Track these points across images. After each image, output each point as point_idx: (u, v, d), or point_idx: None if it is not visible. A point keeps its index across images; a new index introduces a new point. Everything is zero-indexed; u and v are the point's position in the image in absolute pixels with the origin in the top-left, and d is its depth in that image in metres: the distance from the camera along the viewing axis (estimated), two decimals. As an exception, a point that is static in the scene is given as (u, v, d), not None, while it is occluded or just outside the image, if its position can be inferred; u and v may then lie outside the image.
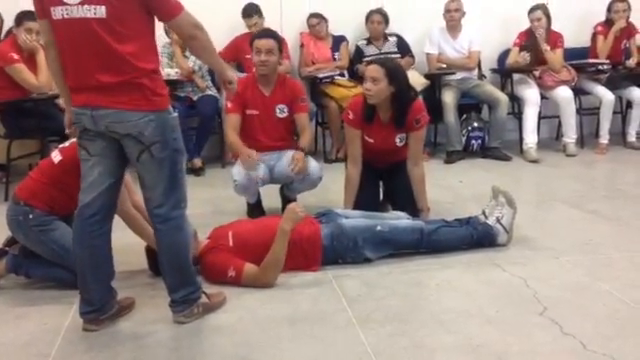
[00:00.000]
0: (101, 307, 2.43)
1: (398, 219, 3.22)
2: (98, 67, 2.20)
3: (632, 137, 5.47)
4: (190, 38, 2.31)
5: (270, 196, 3.85)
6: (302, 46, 5.51)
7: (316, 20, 5.44)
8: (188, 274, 2.47)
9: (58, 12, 2.18)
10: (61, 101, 4.50)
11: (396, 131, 3.41)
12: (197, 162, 5.03)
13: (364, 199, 3.45)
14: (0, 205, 3.98)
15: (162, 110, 2.28)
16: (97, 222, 2.37)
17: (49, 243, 2.72)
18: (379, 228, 3.04)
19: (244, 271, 2.77)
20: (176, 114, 2.38)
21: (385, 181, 3.65)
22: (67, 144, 2.80)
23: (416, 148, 3.45)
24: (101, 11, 2.14)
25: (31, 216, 2.71)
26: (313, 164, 3.61)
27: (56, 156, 2.77)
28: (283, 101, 3.67)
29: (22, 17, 4.38)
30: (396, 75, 3.29)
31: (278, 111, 3.66)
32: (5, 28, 4.74)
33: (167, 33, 4.90)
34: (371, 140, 3.44)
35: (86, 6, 2.14)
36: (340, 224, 3.03)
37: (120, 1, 2.15)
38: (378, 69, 3.26)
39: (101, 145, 2.32)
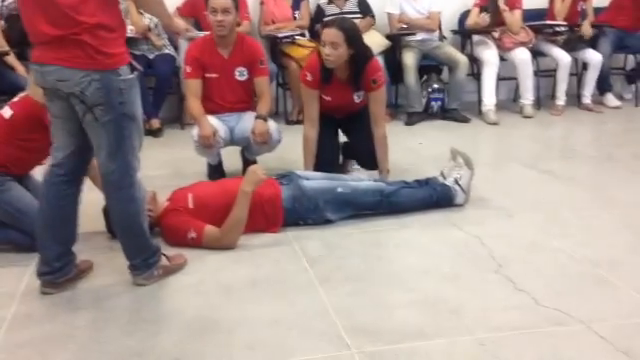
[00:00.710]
0: (59, 269, 2.39)
1: (359, 181, 3.24)
2: (42, 21, 2.12)
3: (587, 99, 5.58)
4: None
5: (230, 158, 3.82)
6: (262, 4, 5.40)
7: (276, -23, 5.33)
8: (143, 241, 2.43)
9: None
10: (10, 58, 4.38)
11: (353, 90, 3.42)
12: (155, 123, 4.92)
13: (324, 157, 3.46)
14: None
15: (108, 70, 2.16)
16: (64, 182, 2.33)
17: (2, 205, 2.65)
18: (340, 190, 3.06)
19: (205, 232, 2.76)
20: (131, 76, 2.23)
21: (344, 131, 3.67)
22: (16, 99, 2.71)
23: (376, 109, 3.45)
24: None
25: None
26: (272, 127, 3.58)
27: (6, 111, 2.68)
28: (242, 63, 3.59)
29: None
30: (355, 38, 3.26)
31: (238, 74, 3.59)
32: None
33: (121, -11, 4.73)
34: (328, 98, 3.43)
35: None
36: (301, 186, 3.04)
37: None
38: (338, 34, 3.20)
39: (60, 106, 2.25)
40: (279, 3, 5.40)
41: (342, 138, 3.75)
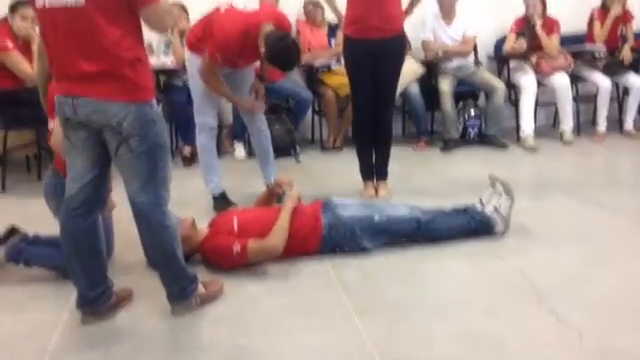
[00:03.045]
0: (95, 299, 2.42)
1: (396, 208, 3.22)
2: (79, 56, 2.15)
3: (629, 125, 5.46)
4: (163, 29, 2.33)
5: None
6: (298, 33, 5.47)
7: (312, 6, 5.41)
8: (178, 269, 2.44)
9: (40, 0, 2.15)
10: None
11: None
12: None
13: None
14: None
15: (143, 102, 2.22)
16: (81, 215, 2.34)
17: None
18: (377, 218, 3.04)
19: (249, 243, 2.77)
20: (159, 108, 2.31)
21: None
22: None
23: None
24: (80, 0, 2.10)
25: None
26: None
27: (50, 124, 2.75)
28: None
29: (17, 4, 4.32)
30: None
31: None
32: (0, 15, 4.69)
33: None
34: None
35: None
36: (338, 214, 3.04)
37: None
38: None
39: (83, 136, 2.28)
40: (315, 31, 5.47)
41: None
